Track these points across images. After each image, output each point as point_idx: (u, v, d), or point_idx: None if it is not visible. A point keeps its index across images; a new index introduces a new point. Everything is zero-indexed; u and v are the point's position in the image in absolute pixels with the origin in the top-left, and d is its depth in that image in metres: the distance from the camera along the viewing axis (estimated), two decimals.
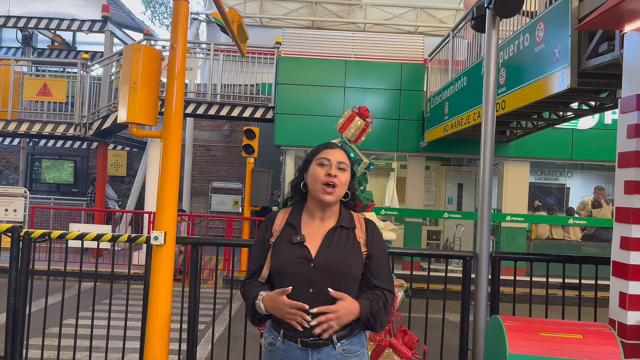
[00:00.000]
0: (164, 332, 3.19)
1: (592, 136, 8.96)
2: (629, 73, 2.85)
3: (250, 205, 9.21)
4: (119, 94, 3.26)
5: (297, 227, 1.99)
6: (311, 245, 1.94)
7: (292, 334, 1.89)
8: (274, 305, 1.87)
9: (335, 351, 1.90)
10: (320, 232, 1.99)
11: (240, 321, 4.49)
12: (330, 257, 1.92)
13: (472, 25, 3.51)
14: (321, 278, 1.88)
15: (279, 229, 2.02)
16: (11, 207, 9.38)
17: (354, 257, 1.95)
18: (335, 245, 1.95)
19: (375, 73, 9.23)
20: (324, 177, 1.95)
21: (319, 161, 2.00)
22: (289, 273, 1.89)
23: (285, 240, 1.97)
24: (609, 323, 2.77)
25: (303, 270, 1.89)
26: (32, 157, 14.51)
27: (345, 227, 2.00)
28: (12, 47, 14.13)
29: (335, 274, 1.89)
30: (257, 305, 1.92)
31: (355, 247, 1.98)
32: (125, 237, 3.64)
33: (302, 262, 1.90)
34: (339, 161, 1.99)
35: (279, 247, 1.96)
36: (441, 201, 10.32)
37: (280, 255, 1.94)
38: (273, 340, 1.95)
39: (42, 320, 3.81)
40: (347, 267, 1.92)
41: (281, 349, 1.92)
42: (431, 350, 3.76)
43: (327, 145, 2.06)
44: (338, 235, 1.98)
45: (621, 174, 2.84)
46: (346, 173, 2.01)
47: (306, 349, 1.89)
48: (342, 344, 1.91)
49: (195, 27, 13.78)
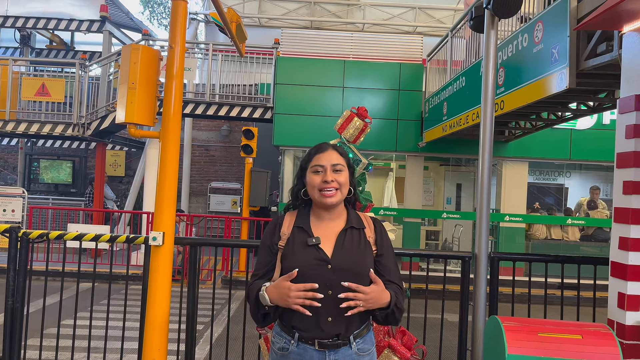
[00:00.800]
0: (163, 333, 3.19)
1: (590, 136, 8.97)
2: (628, 73, 2.85)
3: (248, 205, 9.19)
4: (118, 94, 3.26)
5: (307, 230, 1.97)
6: (325, 247, 1.93)
7: (308, 336, 1.88)
8: (278, 292, 1.84)
9: (351, 350, 1.90)
10: (332, 233, 1.98)
11: (238, 322, 4.49)
12: (346, 258, 1.91)
13: (471, 26, 3.52)
14: (339, 279, 1.86)
15: (288, 232, 1.99)
16: (9, 208, 9.37)
17: (367, 256, 1.96)
18: (349, 246, 1.95)
19: (374, 73, 9.23)
20: (320, 185, 1.94)
21: (313, 169, 1.98)
22: (307, 276, 1.86)
23: (299, 243, 1.94)
24: (607, 323, 2.78)
25: (321, 272, 1.87)
26: (30, 157, 14.49)
27: (356, 228, 2.00)
28: (10, 47, 14.09)
29: (352, 274, 1.88)
30: (262, 295, 1.88)
31: (367, 246, 1.98)
32: (123, 237, 3.64)
33: (319, 264, 1.89)
34: (333, 164, 1.97)
35: (293, 251, 1.93)
36: (440, 201, 10.32)
37: (295, 259, 1.91)
38: (285, 344, 1.92)
39: (40, 320, 3.80)
40: (362, 267, 1.91)
41: (295, 352, 1.90)
42: (430, 350, 3.77)
43: (318, 149, 2.02)
44: (350, 236, 1.98)
45: (620, 175, 2.84)
46: (343, 173, 1.99)
47: (323, 350, 1.87)
48: (357, 342, 1.91)
49: (194, 27, 13.76)
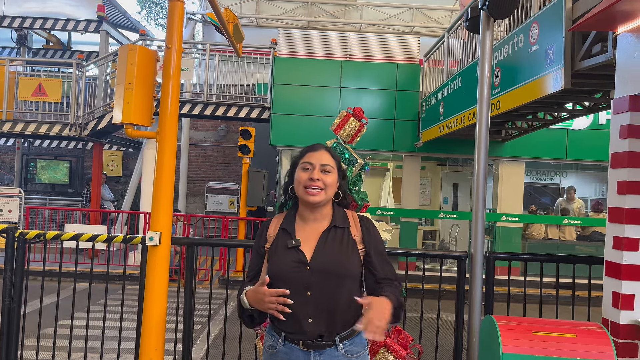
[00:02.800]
0: (160, 333, 3.19)
1: (586, 136, 9.01)
2: (622, 74, 2.87)
3: (246, 205, 9.19)
4: (115, 94, 3.26)
5: (291, 232, 1.98)
6: (306, 248, 1.94)
7: (293, 336, 1.90)
8: (255, 297, 1.88)
9: (337, 352, 1.90)
10: (314, 234, 1.98)
11: (236, 322, 4.50)
12: (326, 258, 1.91)
13: (467, 26, 3.53)
14: (318, 281, 1.88)
15: (273, 235, 2.02)
16: (6, 208, 9.36)
17: (351, 256, 1.94)
18: (330, 247, 1.94)
19: (371, 73, 9.25)
20: (306, 182, 1.95)
21: (302, 165, 1.99)
22: (286, 278, 1.89)
23: (281, 246, 1.96)
24: (602, 322, 2.79)
25: (300, 274, 1.89)
26: (27, 157, 14.46)
27: (339, 227, 2.00)
28: (7, 46, 14.05)
29: (332, 275, 1.89)
30: (241, 299, 1.94)
31: (350, 245, 1.96)
32: (120, 237, 3.64)
33: (298, 266, 1.90)
34: (323, 164, 1.97)
35: (275, 253, 1.96)
36: (437, 201, 10.34)
37: (276, 261, 1.94)
38: (274, 342, 1.95)
39: (37, 321, 3.80)
40: (344, 268, 1.91)
41: (282, 351, 1.92)
42: (426, 349, 3.78)
43: (311, 148, 2.04)
44: (332, 235, 1.97)
45: (614, 175, 2.86)
46: (331, 175, 1.99)
47: (308, 350, 1.89)
48: (344, 344, 1.91)
49: (191, 27, 13.74)
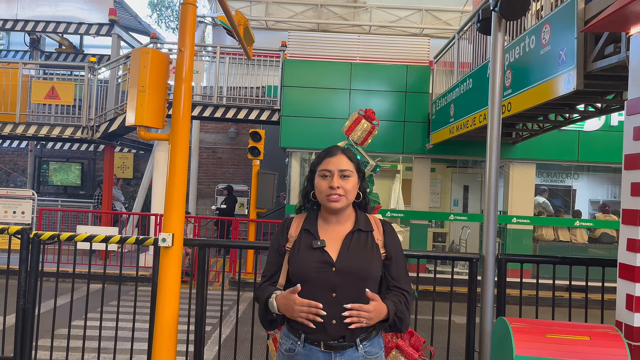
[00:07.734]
0: (172, 334, 3.21)
1: (598, 138, 8.93)
2: (635, 75, 2.84)
3: (255, 207, 9.22)
4: (127, 97, 3.29)
5: (314, 232, 1.98)
6: (331, 249, 1.94)
7: (314, 337, 1.89)
8: (286, 303, 1.86)
9: (357, 353, 1.90)
10: (338, 236, 1.98)
11: (247, 323, 4.51)
12: (351, 261, 1.91)
13: (478, 28, 3.52)
14: (343, 282, 1.88)
15: (295, 235, 2.01)
16: (19, 210, 9.45)
17: (374, 259, 1.95)
18: (354, 249, 1.94)
19: (381, 75, 9.24)
20: (327, 190, 1.95)
21: (321, 173, 1.98)
22: (310, 278, 1.89)
23: (305, 246, 1.96)
24: (615, 325, 2.77)
25: (325, 275, 1.89)
26: (39, 159, 14.62)
27: (363, 230, 2.00)
28: (20, 50, 14.24)
29: (357, 277, 1.89)
30: (270, 303, 1.91)
31: (374, 249, 1.97)
32: (133, 239, 3.68)
33: (323, 267, 1.90)
34: (341, 169, 1.96)
35: (298, 253, 1.95)
36: (447, 203, 10.30)
37: (300, 261, 1.93)
38: (292, 345, 1.94)
39: (51, 321, 3.85)
40: (368, 271, 1.92)
41: (302, 353, 1.91)
42: (437, 352, 3.77)
43: (328, 153, 2.02)
44: (357, 238, 1.97)
45: (628, 176, 2.84)
46: (351, 179, 1.98)
47: (329, 351, 1.88)
48: (364, 345, 1.91)
49: (202, 30, 13.85)
